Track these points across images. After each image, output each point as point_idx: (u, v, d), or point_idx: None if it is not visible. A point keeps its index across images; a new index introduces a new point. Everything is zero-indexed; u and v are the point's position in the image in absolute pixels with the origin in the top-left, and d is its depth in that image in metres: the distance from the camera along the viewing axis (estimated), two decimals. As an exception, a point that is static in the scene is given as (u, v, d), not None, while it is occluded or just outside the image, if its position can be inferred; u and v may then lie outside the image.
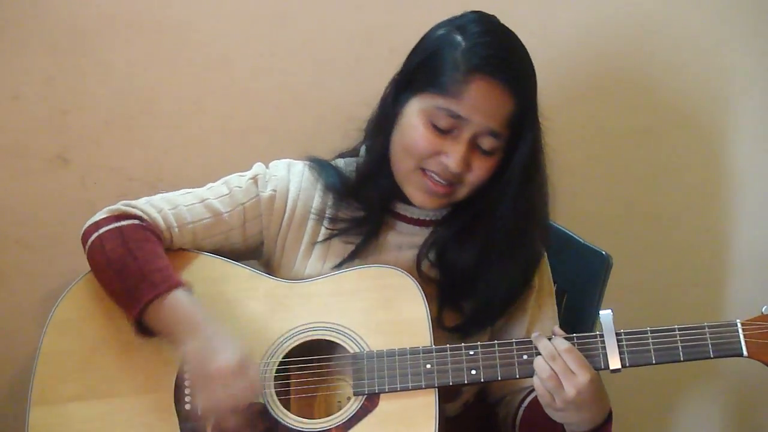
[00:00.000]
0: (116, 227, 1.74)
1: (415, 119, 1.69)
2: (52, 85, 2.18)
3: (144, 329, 1.69)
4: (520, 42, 1.72)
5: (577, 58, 2.36)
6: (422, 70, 1.70)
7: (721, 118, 2.44)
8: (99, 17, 2.17)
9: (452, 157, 1.67)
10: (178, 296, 1.67)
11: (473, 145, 1.68)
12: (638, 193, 2.48)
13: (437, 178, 1.71)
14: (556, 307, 1.91)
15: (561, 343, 1.63)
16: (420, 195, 1.74)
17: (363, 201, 1.82)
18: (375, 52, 2.23)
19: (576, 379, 1.59)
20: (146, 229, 1.75)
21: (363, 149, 1.85)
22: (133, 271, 1.68)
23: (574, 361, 1.60)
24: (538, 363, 1.63)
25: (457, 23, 1.71)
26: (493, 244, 1.76)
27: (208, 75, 2.24)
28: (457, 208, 1.81)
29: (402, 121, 1.72)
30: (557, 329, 1.68)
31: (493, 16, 1.74)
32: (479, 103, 1.64)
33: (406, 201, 1.80)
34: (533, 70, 1.72)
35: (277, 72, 2.26)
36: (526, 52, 1.71)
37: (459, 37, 1.67)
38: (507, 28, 1.73)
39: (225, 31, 2.23)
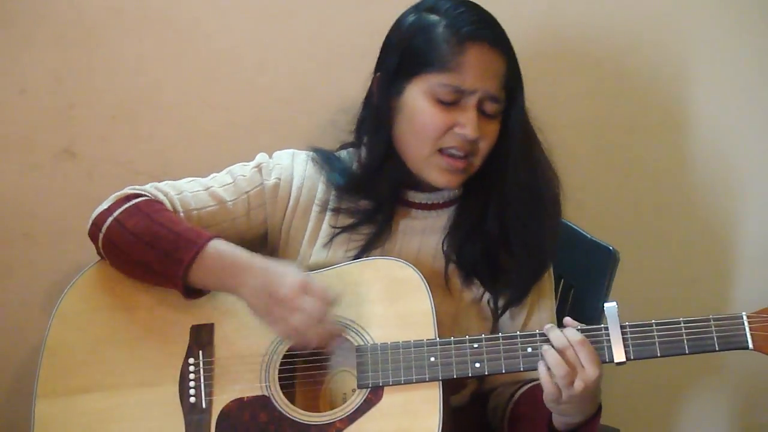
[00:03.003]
0: (131, 205, 1.74)
1: (419, 102, 1.71)
2: (59, 79, 2.18)
3: (191, 290, 1.69)
4: None
5: (584, 54, 2.36)
6: (408, 57, 1.72)
7: (729, 114, 2.44)
8: (106, 12, 2.17)
9: (467, 125, 1.69)
10: (217, 245, 1.67)
11: (480, 111, 1.71)
12: (645, 189, 2.48)
13: (456, 153, 1.72)
14: (554, 303, 1.92)
15: (574, 335, 1.60)
16: (442, 176, 1.75)
17: (371, 195, 1.83)
18: (380, 47, 2.23)
19: (585, 373, 1.57)
20: (158, 202, 1.76)
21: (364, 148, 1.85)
22: (164, 237, 1.68)
23: (586, 355, 1.58)
24: (548, 353, 1.60)
25: (424, 6, 1.75)
26: (510, 212, 1.78)
27: (214, 69, 2.24)
28: (468, 189, 1.82)
29: (404, 111, 1.73)
30: (568, 320, 1.67)
31: None
32: (479, 70, 1.68)
33: (416, 188, 1.82)
34: None
35: (283, 67, 2.26)
36: None
37: (434, 16, 1.71)
38: None
39: (231, 26, 2.23)
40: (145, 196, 1.77)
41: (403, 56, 1.73)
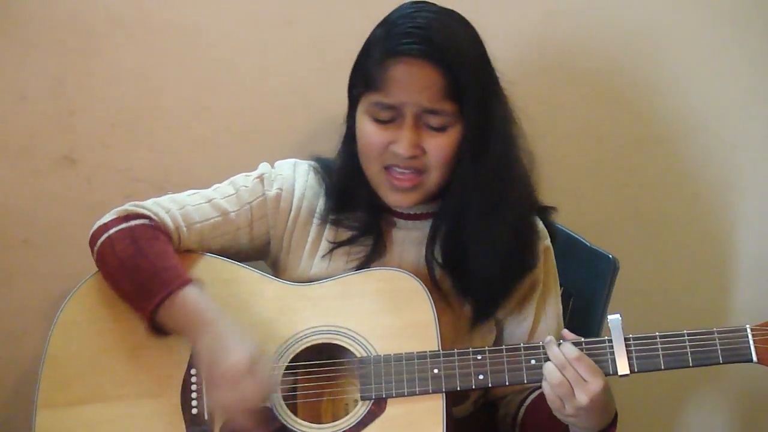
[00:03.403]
0: (126, 227, 1.73)
1: (361, 122, 1.71)
2: (59, 85, 2.17)
3: (157, 328, 1.68)
4: (448, 13, 1.71)
5: (584, 64, 2.36)
6: (357, 75, 1.73)
7: (728, 123, 2.45)
8: (106, 18, 2.16)
9: (400, 143, 1.67)
10: (190, 293, 1.66)
11: (421, 126, 1.68)
12: (645, 197, 2.48)
13: (399, 170, 1.71)
14: (561, 307, 1.90)
15: (571, 351, 1.61)
16: (391, 195, 1.75)
17: (357, 207, 1.83)
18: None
19: (588, 386, 1.58)
20: (155, 228, 1.75)
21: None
22: (144, 270, 1.67)
23: (585, 368, 1.59)
24: (549, 369, 1.61)
25: (385, 17, 1.72)
26: (470, 223, 1.74)
27: (214, 76, 2.24)
28: (447, 197, 1.78)
29: (357, 129, 1.74)
30: (566, 333, 1.67)
31: None
32: (403, 84, 1.64)
33: None
34: (465, 36, 1.69)
35: (283, 73, 2.26)
36: (454, 21, 1.70)
37: (379, 30, 1.70)
38: (433, 5, 1.72)
39: (232, 32, 2.22)
40: (145, 217, 1.76)
41: (354, 75, 1.75)
